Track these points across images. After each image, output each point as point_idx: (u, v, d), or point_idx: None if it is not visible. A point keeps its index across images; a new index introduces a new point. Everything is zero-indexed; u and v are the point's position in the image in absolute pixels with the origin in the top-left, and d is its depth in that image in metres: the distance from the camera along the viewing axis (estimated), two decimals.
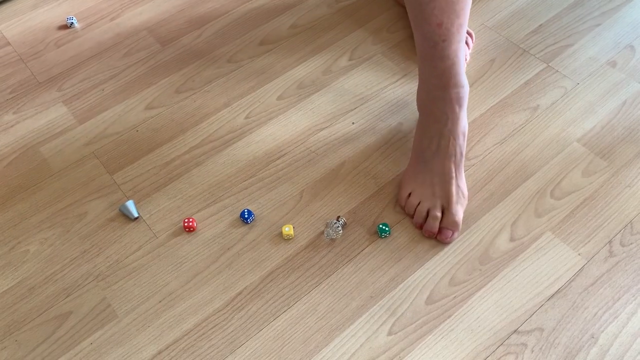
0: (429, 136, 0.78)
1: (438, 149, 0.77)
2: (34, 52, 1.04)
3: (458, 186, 0.76)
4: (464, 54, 0.77)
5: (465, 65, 0.95)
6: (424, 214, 0.76)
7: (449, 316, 0.71)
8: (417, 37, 0.75)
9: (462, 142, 0.78)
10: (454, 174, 0.76)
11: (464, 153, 0.78)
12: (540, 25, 1.01)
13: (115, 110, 0.94)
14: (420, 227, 0.77)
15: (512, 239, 0.76)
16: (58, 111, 0.95)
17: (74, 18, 1.08)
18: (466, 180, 0.82)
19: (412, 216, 0.78)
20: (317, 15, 1.06)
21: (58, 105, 0.96)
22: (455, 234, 0.76)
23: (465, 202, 0.78)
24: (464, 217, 0.78)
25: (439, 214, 0.75)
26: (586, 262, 0.74)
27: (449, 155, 0.76)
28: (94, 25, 1.08)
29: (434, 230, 0.76)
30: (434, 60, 0.75)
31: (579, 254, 0.74)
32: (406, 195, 0.78)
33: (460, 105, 0.77)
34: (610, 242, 0.75)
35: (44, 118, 0.94)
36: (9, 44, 1.06)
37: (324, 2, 1.08)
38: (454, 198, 0.75)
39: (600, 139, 0.85)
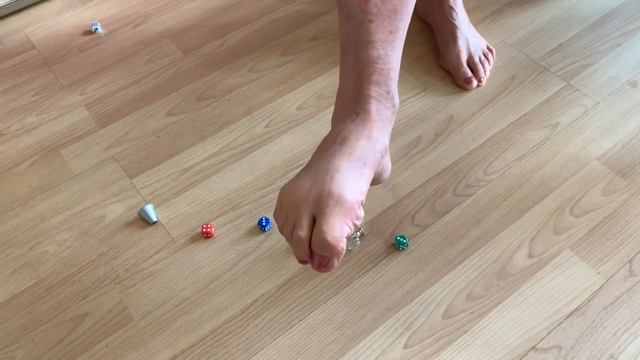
0: (324, 141, 0.58)
1: (331, 147, 0.55)
2: (58, 56, 1.06)
3: (341, 186, 0.52)
4: (399, 58, 0.58)
5: (479, 83, 0.96)
6: (289, 233, 0.53)
7: (466, 331, 0.70)
8: (340, 20, 0.59)
9: (367, 145, 0.55)
10: (337, 169, 0.53)
11: (368, 162, 0.55)
12: (561, 44, 1.01)
13: (136, 116, 0.95)
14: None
15: (530, 256, 0.76)
16: (80, 115, 0.96)
17: (98, 24, 1.10)
18: (484, 195, 0.82)
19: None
20: (337, 28, 1.07)
21: (80, 108, 0.97)
22: (335, 261, 0.52)
23: (350, 214, 0.52)
24: (481, 233, 0.78)
25: (302, 234, 0.52)
26: (605, 281, 0.73)
27: (342, 152, 0.54)
28: (118, 32, 1.09)
29: (301, 256, 0.53)
30: (357, 49, 0.57)
31: (598, 273, 0.74)
32: (279, 209, 0.56)
33: (377, 110, 0.57)
34: (630, 261, 0.75)
35: (66, 121, 0.95)
36: (34, 47, 1.08)
37: None
38: (328, 204, 0.51)
39: (621, 158, 0.85)
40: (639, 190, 0.81)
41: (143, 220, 0.82)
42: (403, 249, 0.77)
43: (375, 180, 0.60)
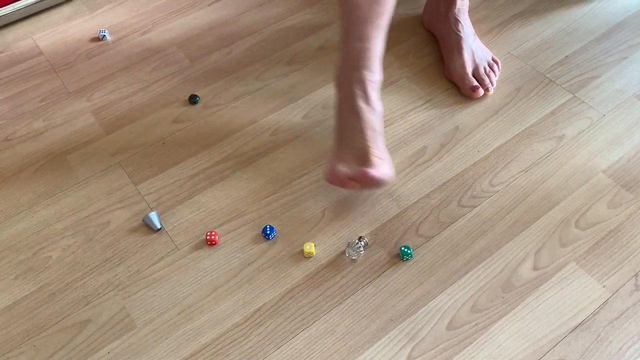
0: (344, 114, 0.81)
1: (353, 127, 0.79)
2: (65, 63, 1.06)
3: (379, 158, 0.78)
4: (382, 45, 0.79)
5: (487, 91, 0.96)
6: (342, 174, 0.77)
7: (470, 343, 0.70)
8: (339, 16, 0.80)
9: (374, 118, 0.80)
10: (370, 145, 0.78)
11: (379, 130, 0.80)
12: (567, 56, 1.01)
13: (142, 123, 0.95)
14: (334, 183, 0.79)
15: (535, 268, 0.75)
16: (86, 121, 0.96)
17: (106, 31, 1.10)
18: (489, 207, 0.82)
19: (330, 180, 0.79)
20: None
21: (87, 115, 0.97)
22: (372, 172, 0.75)
23: (388, 164, 0.79)
24: (486, 245, 0.78)
25: (355, 167, 0.77)
26: (611, 294, 0.73)
27: (364, 131, 0.78)
28: (125, 39, 1.10)
29: (342, 176, 0.77)
30: (351, 40, 0.78)
31: (603, 286, 0.73)
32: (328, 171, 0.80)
33: (372, 88, 0.80)
34: (636, 275, 0.74)
35: (72, 127, 0.96)
36: (42, 53, 1.08)
37: None
38: (375, 162, 0.77)
39: (627, 171, 0.85)
40: None
41: (147, 227, 0.82)
42: (407, 259, 0.77)
43: None
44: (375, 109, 0.80)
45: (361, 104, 0.79)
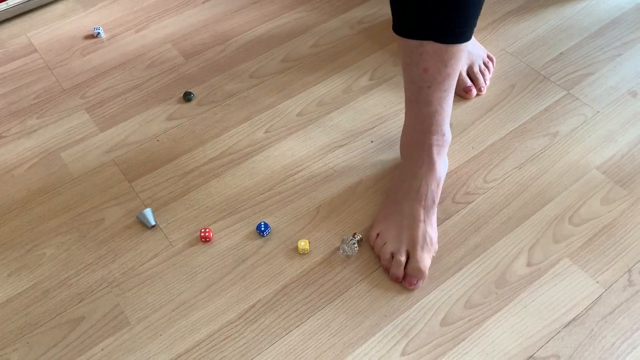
0: (403, 178, 0.78)
1: (409, 191, 0.76)
2: (60, 60, 1.06)
3: (426, 232, 0.74)
4: (450, 104, 0.75)
5: (479, 92, 0.96)
6: (388, 256, 0.74)
7: (464, 339, 0.70)
8: (405, 79, 0.75)
9: (435, 189, 0.76)
10: (422, 218, 0.74)
11: (436, 201, 0.77)
12: (561, 53, 1.01)
13: (136, 120, 0.95)
14: (388, 269, 0.75)
15: (529, 264, 0.76)
16: (80, 118, 0.96)
17: (101, 28, 1.10)
18: (483, 203, 0.82)
19: (379, 257, 0.76)
20: (339, 35, 1.08)
21: (81, 112, 0.97)
22: (421, 282, 0.73)
23: (433, 249, 0.75)
24: (479, 241, 0.78)
25: (402, 259, 0.73)
26: (604, 290, 0.73)
27: (419, 199, 0.75)
28: (120, 36, 1.10)
29: (399, 275, 0.73)
30: (418, 104, 0.74)
31: (597, 282, 0.74)
32: (375, 235, 0.77)
33: (438, 153, 0.77)
34: (629, 271, 0.74)
35: (66, 124, 0.95)
36: (36, 50, 1.08)
37: (346, 23, 1.10)
38: (419, 243, 0.73)
39: (620, 168, 0.85)
40: (639, 199, 0.81)
41: (141, 224, 0.82)
42: None
43: None
44: (439, 180, 0.77)
45: (425, 172, 0.76)
